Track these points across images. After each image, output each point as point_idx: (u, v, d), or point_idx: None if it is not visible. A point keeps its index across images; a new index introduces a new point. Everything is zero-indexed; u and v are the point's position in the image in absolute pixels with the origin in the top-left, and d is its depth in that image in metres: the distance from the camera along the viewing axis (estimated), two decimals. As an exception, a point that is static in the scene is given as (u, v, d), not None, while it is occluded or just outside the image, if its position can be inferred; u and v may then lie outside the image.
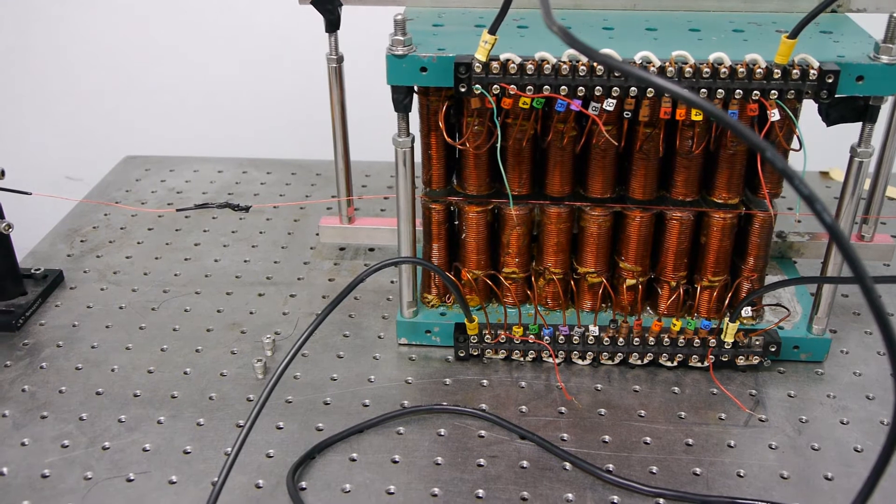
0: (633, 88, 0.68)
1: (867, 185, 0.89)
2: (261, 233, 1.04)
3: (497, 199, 0.79)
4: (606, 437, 0.73)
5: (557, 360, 0.80)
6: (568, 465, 0.69)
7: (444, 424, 0.74)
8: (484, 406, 0.76)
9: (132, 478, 0.68)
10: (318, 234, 1.00)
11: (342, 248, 1.01)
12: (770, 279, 0.86)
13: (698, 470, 0.69)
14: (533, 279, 0.82)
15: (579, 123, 0.74)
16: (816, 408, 0.76)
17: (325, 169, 1.19)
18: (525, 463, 0.70)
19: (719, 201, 0.77)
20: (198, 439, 0.72)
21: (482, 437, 0.73)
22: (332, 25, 0.85)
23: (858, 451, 0.72)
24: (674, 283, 0.81)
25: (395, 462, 0.70)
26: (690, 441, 0.72)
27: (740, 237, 0.80)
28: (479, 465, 0.69)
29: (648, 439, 0.72)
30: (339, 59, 0.87)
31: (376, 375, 0.80)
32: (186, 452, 0.71)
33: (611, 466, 0.69)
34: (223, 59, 1.44)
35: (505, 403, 0.76)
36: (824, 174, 1.17)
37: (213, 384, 0.78)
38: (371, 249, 1.01)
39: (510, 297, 0.83)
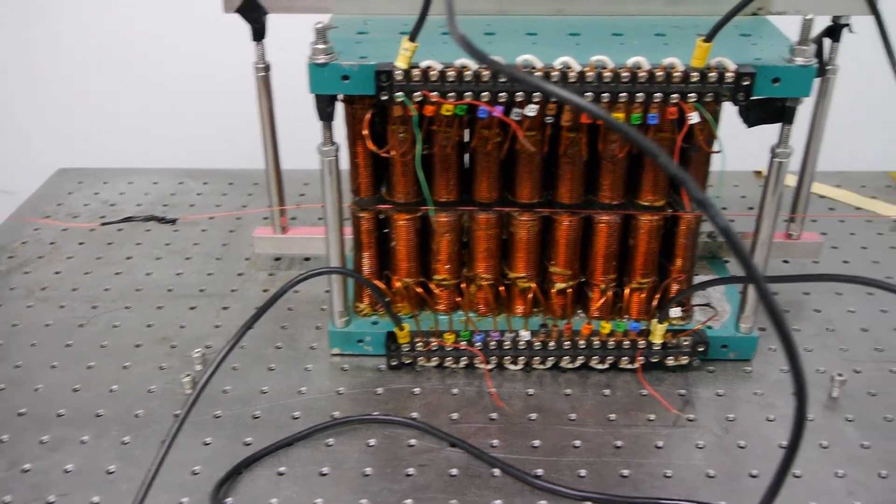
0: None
1: (795, 181, 0.91)
2: (195, 245, 1.03)
3: (426, 207, 0.79)
4: (536, 442, 0.73)
5: (489, 366, 0.80)
6: (497, 472, 0.69)
7: (375, 434, 0.74)
8: (415, 414, 0.76)
9: (52, 500, 0.66)
10: (252, 245, 0.99)
11: (277, 259, 1.00)
12: (702, 280, 0.87)
13: (626, 472, 0.70)
14: (464, 285, 0.82)
15: (505, 129, 0.75)
16: (744, 406, 0.77)
17: (263, 178, 1.17)
18: (454, 471, 0.69)
19: (645, 204, 0.78)
20: (122, 459, 0.70)
21: (412, 445, 0.72)
22: (258, 34, 0.84)
23: (782, 448, 0.72)
24: (604, 286, 0.81)
25: (324, 475, 0.69)
26: (619, 443, 0.73)
27: (668, 239, 0.81)
28: (409, 475, 0.69)
29: (578, 443, 0.73)
30: (266, 68, 0.86)
31: (308, 387, 0.79)
32: (110, 472, 0.69)
33: (540, 471, 0.70)
34: (161, 68, 1.42)
35: (436, 411, 0.76)
36: (758, 173, 1.18)
37: (140, 401, 0.77)
38: (307, 259, 1.00)
39: (442, 304, 0.83)
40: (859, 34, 0.79)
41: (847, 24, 0.80)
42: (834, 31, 0.81)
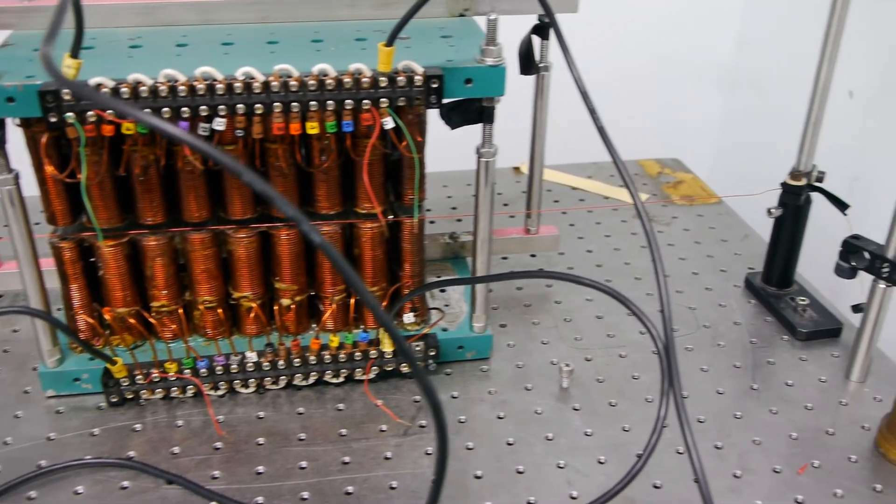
0: (240, 106, 0.65)
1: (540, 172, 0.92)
2: None
3: (133, 231, 0.74)
4: (261, 468, 0.70)
5: (218, 393, 0.77)
6: (212, 506, 0.66)
7: (84, 481, 0.68)
8: (132, 453, 0.71)
9: None
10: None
11: (-6, 297, 0.92)
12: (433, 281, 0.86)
13: (350, 489, 0.68)
14: (184, 310, 0.78)
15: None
16: (477, 406, 0.77)
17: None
18: (166, 510, 0.66)
19: (364, 212, 0.77)
20: None
21: (125, 488, 0.68)
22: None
23: (510, 445, 0.73)
24: (334, 298, 0.79)
25: (18, 533, 0.64)
26: (347, 459, 0.71)
27: (394, 245, 0.80)
28: (115, 521, 0.65)
29: (305, 463, 0.70)
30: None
31: (14, 437, 0.72)
32: None
33: (260, 499, 0.67)
34: None
35: (157, 447, 0.72)
36: (516, 169, 1.21)
37: None
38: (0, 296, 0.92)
39: (167, 332, 0.78)
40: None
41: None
42: (541, 30, 0.82)
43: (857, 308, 0.80)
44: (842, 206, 0.85)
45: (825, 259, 0.82)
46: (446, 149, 0.87)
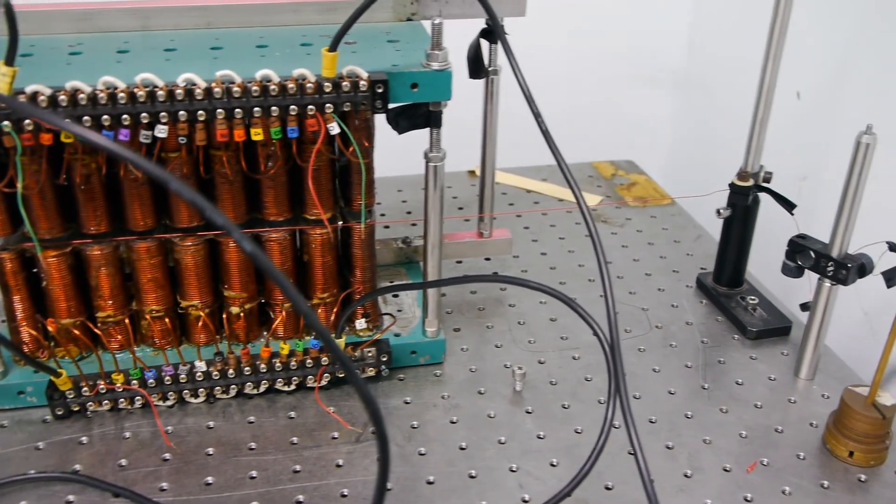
0: (182, 113, 0.65)
1: (494, 176, 0.92)
2: None
3: (77, 241, 0.73)
4: (210, 479, 0.69)
5: (169, 403, 0.76)
6: (159, 519, 0.65)
7: (28, 496, 0.67)
8: (78, 467, 0.70)
9: None
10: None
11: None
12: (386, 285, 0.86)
13: (301, 497, 0.67)
14: (131, 320, 0.77)
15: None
16: (430, 411, 0.77)
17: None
18: (112, 524, 0.65)
19: (312, 218, 0.76)
20: None
21: (71, 502, 0.66)
22: None
23: (463, 449, 0.73)
24: (284, 305, 0.79)
25: (-43, 552, 0.62)
26: (298, 468, 0.70)
27: (345, 250, 0.80)
28: (58, 537, 0.63)
29: (255, 473, 0.70)
30: None
31: (-46, 453, 0.71)
32: None
33: (209, 511, 0.66)
34: None
35: (104, 460, 0.71)
36: (471, 172, 1.21)
37: None
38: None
39: (115, 342, 0.77)
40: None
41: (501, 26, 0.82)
42: (489, 34, 0.82)
43: (804, 306, 0.81)
44: (789, 205, 0.86)
45: (776, 258, 0.83)
46: (402, 153, 0.87)
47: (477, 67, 0.80)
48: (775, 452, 0.73)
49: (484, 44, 0.80)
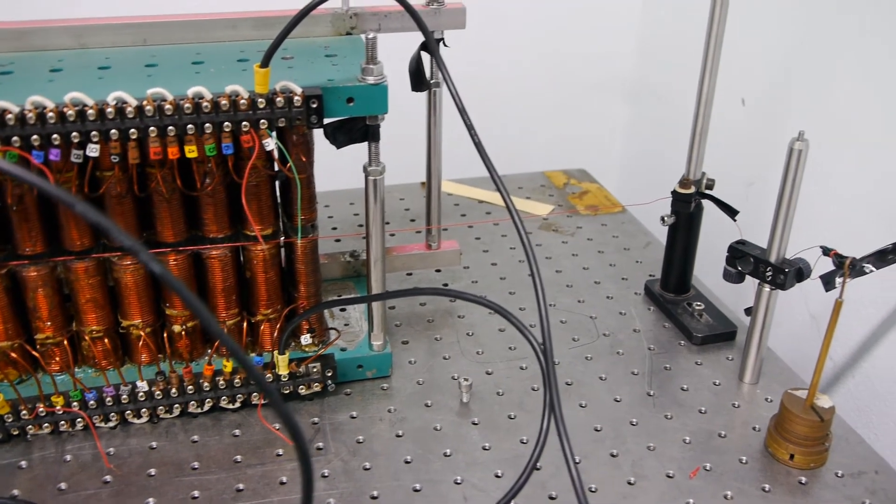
0: (113, 131, 0.64)
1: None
2: None
3: (13, 262, 0.72)
4: (151, 501, 0.68)
5: (111, 424, 0.75)
6: (96, 543, 0.64)
7: (-37, 524, 0.66)
8: (16, 492, 0.69)
9: None
10: None
11: None
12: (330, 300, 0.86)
13: (243, 517, 0.67)
14: (71, 341, 0.76)
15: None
16: (376, 425, 0.77)
17: None
18: (47, 550, 0.64)
19: (252, 234, 0.76)
20: None
21: (6, 529, 0.66)
22: None
23: (408, 463, 0.73)
24: (227, 322, 0.78)
25: None
26: (242, 486, 0.70)
27: (289, 265, 0.79)
28: (-8, 565, 0.62)
29: (197, 493, 0.69)
30: None
31: None
32: None
33: (148, 533, 0.65)
34: None
35: (44, 484, 0.70)
36: (423, 184, 1.20)
37: None
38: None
39: (53, 364, 0.76)
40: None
41: (441, 39, 0.82)
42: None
43: (748, 311, 0.82)
44: (731, 212, 0.87)
45: (722, 264, 0.83)
46: (351, 166, 0.87)
47: (419, 80, 0.81)
48: (718, 457, 0.73)
49: (425, 56, 0.80)
